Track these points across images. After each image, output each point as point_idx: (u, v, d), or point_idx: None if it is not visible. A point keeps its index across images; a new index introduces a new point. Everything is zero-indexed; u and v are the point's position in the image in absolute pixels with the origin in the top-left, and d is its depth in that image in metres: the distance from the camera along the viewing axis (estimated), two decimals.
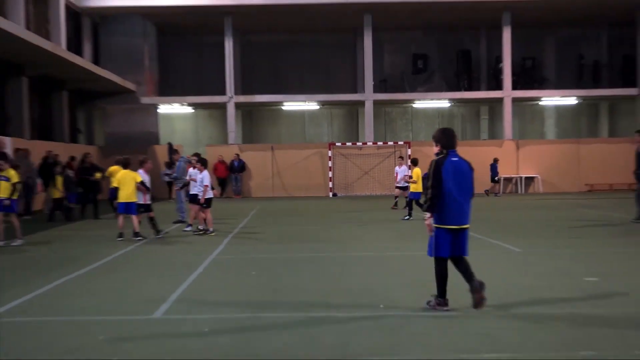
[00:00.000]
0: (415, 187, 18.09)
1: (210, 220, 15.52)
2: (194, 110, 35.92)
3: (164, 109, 34.09)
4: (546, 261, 10.93)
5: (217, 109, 34.54)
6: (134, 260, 12.01)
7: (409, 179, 18.71)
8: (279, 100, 33.92)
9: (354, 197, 29.90)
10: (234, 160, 30.96)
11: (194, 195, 15.66)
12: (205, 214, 15.50)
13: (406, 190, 19.47)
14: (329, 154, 31.20)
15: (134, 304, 8.17)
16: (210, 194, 15.42)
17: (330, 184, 31.16)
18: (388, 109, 36.64)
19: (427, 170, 7.51)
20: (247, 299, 8.37)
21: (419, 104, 35.43)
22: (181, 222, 17.44)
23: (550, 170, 31.64)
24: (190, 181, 15.96)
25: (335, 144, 31.97)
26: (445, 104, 35.70)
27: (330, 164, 31.18)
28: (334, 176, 31.22)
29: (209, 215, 15.51)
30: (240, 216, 20.39)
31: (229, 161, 30.98)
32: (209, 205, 15.47)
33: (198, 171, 15.56)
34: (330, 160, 31.19)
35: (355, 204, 25.66)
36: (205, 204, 15.37)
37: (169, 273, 10.37)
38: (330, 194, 30.93)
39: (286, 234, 15.66)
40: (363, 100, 32.62)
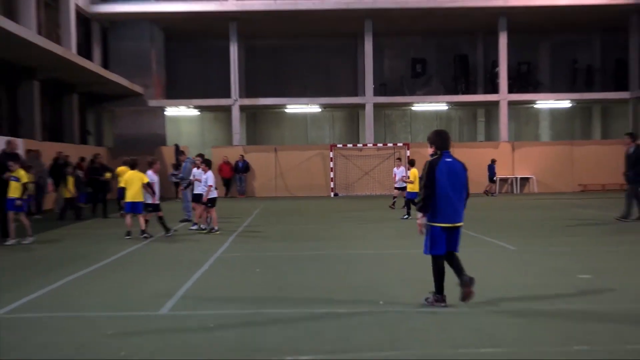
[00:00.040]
0: (412, 187, 18.07)
1: (215, 219, 15.51)
2: (199, 113, 35.94)
3: (171, 112, 34.12)
4: (541, 259, 10.92)
5: (222, 111, 34.59)
6: (142, 257, 12.01)
7: (407, 179, 18.70)
8: (282, 103, 33.93)
9: (354, 197, 29.89)
10: (238, 161, 30.97)
11: (198, 195, 15.68)
12: (211, 213, 15.50)
13: (404, 191, 19.45)
14: (331, 155, 31.20)
15: (142, 300, 8.17)
16: (214, 193, 15.43)
17: (331, 184, 31.13)
18: (388, 112, 36.64)
19: (422, 171, 7.54)
20: (252, 295, 8.37)
21: (418, 107, 35.42)
22: (187, 221, 17.45)
23: (544, 171, 31.64)
24: (194, 181, 15.97)
25: (336, 146, 31.95)
26: (443, 107, 35.70)
27: (331, 164, 31.17)
28: (335, 177, 31.21)
29: (214, 214, 15.51)
30: (244, 215, 20.39)
31: (234, 162, 30.99)
32: (214, 204, 15.47)
33: (202, 171, 15.57)
34: (331, 161, 31.18)
35: (355, 203, 25.65)
36: (210, 204, 15.38)
37: (175, 270, 10.37)
38: (332, 194, 30.91)
39: (289, 233, 15.66)
40: (363, 103, 32.62)
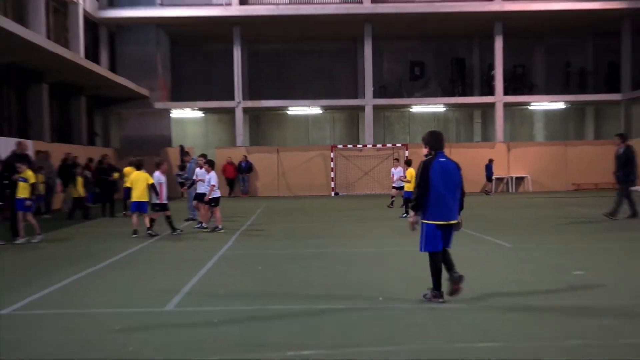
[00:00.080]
0: (409, 187, 18.00)
1: (219, 218, 15.48)
2: (204, 115, 35.93)
3: (176, 114, 34.11)
4: (536, 256, 10.90)
5: (226, 113, 34.56)
6: (148, 256, 12.00)
7: (404, 179, 18.67)
8: (284, 105, 33.91)
9: (354, 196, 29.87)
10: (241, 162, 30.98)
11: (201, 194, 15.67)
12: (215, 212, 15.50)
13: (402, 190, 19.42)
14: (331, 156, 31.19)
15: (148, 297, 8.16)
16: (217, 193, 15.40)
17: (332, 184, 31.13)
18: (387, 114, 36.62)
19: (416, 171, 7.54)
20: (255, 292, 8.36)
21: (416, 109, 35.39)
22: (192, 220, 17.44)
23: (539, 170, 31.61)
24: (198, 181, 15.94)
25: (337, 146, 31.94)
26: (440, 109, 35.67)
27: (332, 165, 31.17)
28: (335, 176, 31.20)
29: (217, 214, 15.49)
30: (247, 214, 20.38)
31: (237, 162, 31.00)
32: (217, 203, 15.46)
33: (205, 172, 15.55)
34: (332, 161, 31.18)
35: (355, 202, 25.64)
36: (213, 203, 15.36)
37: (180, 268, 10.36)
38: (332, 193, 30.91)
39: (291, 231, 15.65)
40: (363, 105, 32.60)
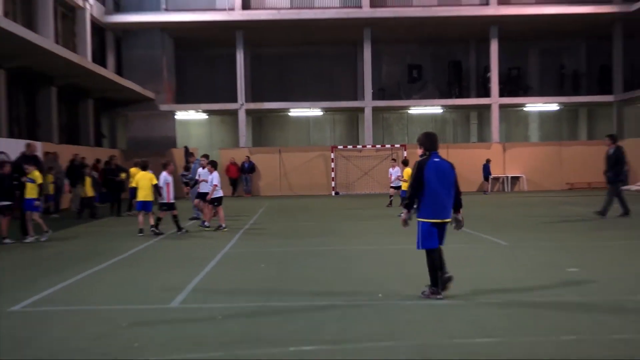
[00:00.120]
0: (406, 186, 18.07)
1: (223, 217, 15.47)
2: (208, 117, 35.91)
3: (181, 116, 34.10)
4: (531, 253, 10.89)
5: (229, 115, 34.56)
6: (153, 254, 11.99)
7: (402, 178, 18.68)
8: (286, 107, 33.91)
9: (354, 196, 29.86)
10: (244, 162, 30.99)
11: (203, 194, 15.66)
12: (218, 211, 15.48)
13: (400, 189, 19.42)
14: (332, 156, 31.18)
15: (154, 294, 8.15)
16: (219, 192, 15.37)
17: (332, 184, 31.12)
18: (386, 115, 36.60)
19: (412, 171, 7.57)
20: (257, 289, 8.34)
21: (414, 110, 35.35)
22: (196, 219, 17.43)
23: (534, 170, 31.60)
24: (201, 181, 15.92)
25: (337, 147, 31.93)
26: (438, 110, 35.65)
27: (332, 165, 31.16)
28: (336, 176, 31.18)
29: (221, 213, 15.46)
30: (250, 213, 20.38)
31: (240, 163, 31.02)
32: (220, 203, 15.44)
33: (208, 172, 15.54)
34: (332, 161, 31.17)
35: (355, 201, 25.63)
36: (216, 202, 15.35)
37: (185, 265, 10.35)
38: (333, 193, 30.90)
39: (292, 230, 15.64)
40: (363, 107, 32.59)
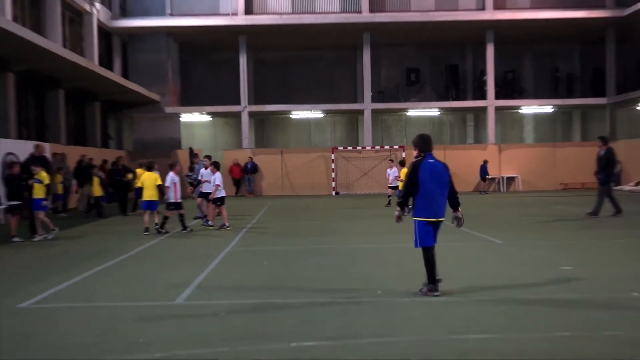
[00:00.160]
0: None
1: (226, 217, 15.47)
2: (212, 119, 35.92)
3: (185, 118, 34.09)
4: (526, 252, 10.88)
5: (233, 117, 34.56)
6: (159, 252, 11.99)
7: (399, 179, 18.67)
8: (288, 110, 33.90)
9: (354, 196, 29.86)
10: (247, 163, 30.99)
11: (206, 193, 15.65)
12: (221, 210, 15.48)
13: (397, 190, 19.41)
14: (332, 157, 31.19)
15: (159, 291, 8.15)
16: (222, 192, 15.36)
17: (333, 184, 31.12)
18: (385, 117, 36.59)
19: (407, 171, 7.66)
20: (260, 286, 8.34)
21: (412, 113, 35.38)
22: (200, 218, 17.42)
23: (529, 171, 31.59)
24: (204, 182, 15.91)
25: (337, 148, 31.92)
26: (435, 112, 35.65)
27: (333, 165, 31.16)
28: (336, 177, 31.19)
29: (224, 212, 15.46)
30: (253, 213, 20.37)
31: (243, 164, 31.03)
32: (223, 202, 15.44)
33: (211, 172, 15.53)
34: (333, 162, 31.17)
35: (355, 201, 25.62)
36: (219, 202, 15.35)
37: (189, 263, 10.35)
38: (333, 193, 30.90)
39: (294, 229, 15.64)
40: (362, 109, 32.59)
